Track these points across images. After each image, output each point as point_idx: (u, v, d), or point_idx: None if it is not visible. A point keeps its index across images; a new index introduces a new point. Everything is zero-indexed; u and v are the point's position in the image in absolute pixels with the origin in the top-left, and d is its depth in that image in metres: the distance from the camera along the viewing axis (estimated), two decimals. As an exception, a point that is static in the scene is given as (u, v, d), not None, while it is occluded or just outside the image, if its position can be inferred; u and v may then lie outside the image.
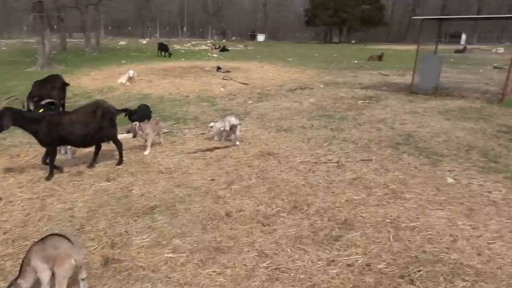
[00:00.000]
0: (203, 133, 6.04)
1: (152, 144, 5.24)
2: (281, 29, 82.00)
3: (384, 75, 14.10)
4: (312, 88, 10.74)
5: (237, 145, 5.46)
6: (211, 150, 5.24)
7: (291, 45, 48.57)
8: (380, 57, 21.58)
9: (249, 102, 8.84)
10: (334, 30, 64.49)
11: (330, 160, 4.79)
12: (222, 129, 5.55)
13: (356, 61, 20.72)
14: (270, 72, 15.00)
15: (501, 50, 25.99)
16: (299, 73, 14.79)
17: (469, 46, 31.27)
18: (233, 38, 71.85)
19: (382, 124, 6.63)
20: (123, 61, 18.96)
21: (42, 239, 2.18)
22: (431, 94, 9.63)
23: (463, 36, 47.28)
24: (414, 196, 3.74)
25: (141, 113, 5.70)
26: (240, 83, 11.79)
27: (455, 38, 43.44)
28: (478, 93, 9.80)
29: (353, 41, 63.09)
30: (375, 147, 5.32)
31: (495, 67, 15.94)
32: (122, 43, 41.78)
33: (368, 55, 23.53)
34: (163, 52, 23.45)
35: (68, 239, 2.17)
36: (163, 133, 5.76)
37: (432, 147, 5.33)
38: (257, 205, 3.54)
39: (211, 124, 5.73)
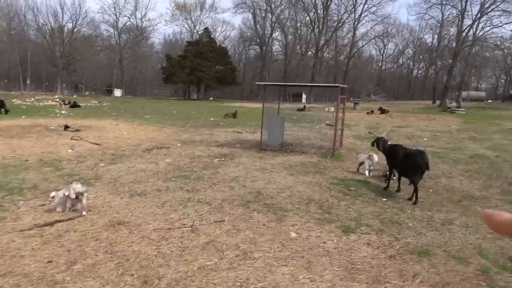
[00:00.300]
0: (43, 204, 5.37)
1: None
2: (139, 85, 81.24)
3: (237, 132, 15.12)
4: (169, 148, 10.76)
5: (84, 215, 5.01)
6: (51, 224, 4.67)
7: (150, 101, 48.34)
8: (234, 115, 23.15)
9: (101, 164, 8.31)
10: (193, 87, 66.99)
11: (185, 224, 4.79)
12: (65, 198, 5.05)
13: (212, 119, 21.75)
14: (126, 130, 14.54)
15: (332, 109, 30.77)
16: (157, 131, 14.72)
17: (308, 105, 36.17)
18: (87, 92, 67.83)
19: (235, 183, 7.00)
20: None
21: None
22: (278, 151, 10.69)
23: (304, 96, 54.62)
24: (262, 254, 3.99)
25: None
26: (92, 143, 11.07)
27: (298, 97, 49.82)
28: (315, 149, 11.30)
29: (211, 98, 66.45)
30: (228, 207, 5.55)
31: (327, 124, 18.72)
32: None
33: (224, 112, 25.02)
34: (-2, 108, 20.50)
35: None
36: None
37: (278, 203, 5.84)
38: (103, 286, 3.25)
39: (52, 193, 5.16)
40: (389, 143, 7.25)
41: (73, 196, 5.02)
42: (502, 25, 48.50)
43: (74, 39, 70.41)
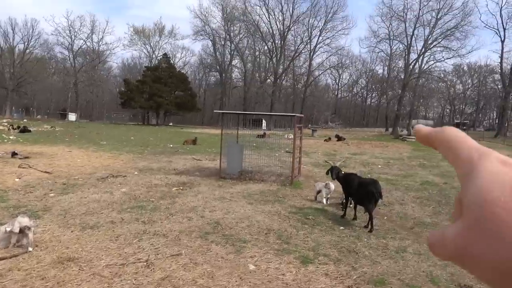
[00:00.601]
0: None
1: None
2: (95, 109, 78.90)
3: (196, 159, 14.97)
4: (125, 176, 10.43)
5: (30, 251, 4.69)
6: (-9, 263, 4.32)
7: (106, 126, 46.94)
8: (194, 141, 22.96)
9: (51, 195, 7.88)
10: (152, 112, 66.04)
11: (139, 259, 4.60)
12: (9, 233, 4.71)
13: (171, 145, 21.43)
14: (80, 157, 13.95)
15: (291, 136, 31.35)
16: (113, 158, 14.24)
17: (267, 132, 36.65)
18: (39, 116, 64.84)
19: (193, 213, 6.86)
20: None
21: None
22: (237, 179, 10.67)
23: (264, 122, 55.40)
24: (220, 289, 3.90)
25: None
26: (41, 171, 10.49)
27: (258, 122, 50.41)
28: (275, 176, 11.40)
29: (171, 124, 65.69)
30: (186, 239, 5.41)
31: (286, 152, 19.02)
32: None
33: (184, 138, 24.76)
34: None
35: None
36: None
37: (237, 234, 5.78)
38: (48, 332, 3.02)
39: None
40: (343, 172, 7.47)
41: (17, 230, 4.69)
42: (444, 59, 52.55)
43: (25, 60, 67.70)
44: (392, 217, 7.30)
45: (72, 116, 64.75)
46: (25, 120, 46.26)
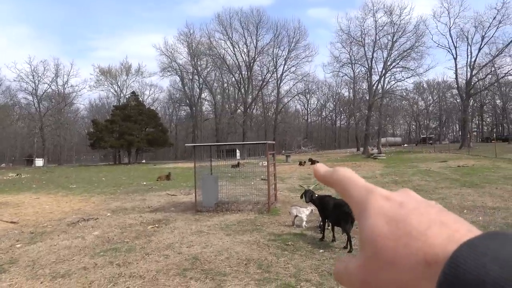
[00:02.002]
0: None
1: None
2: (63, 152, 76.64)
3: (171, 195, 14.69)
4: (97, 218, 10.06)
5: (-5, 309, 4.39)
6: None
7: (76, 169, 45.53)
8: (168, 177, 22.59)
9: (17, 245, 7.47)
10: (123, 151, 64.83)
11: (115, 304, 4.39)
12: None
13: (145, 183, 20.99)
14: (48, 203, 13.39)
15: (265, 163, 31.45)
16: (83, 201, 13.76)
17: (242, 161, 36.61)
18: (3, 164, 62.27)
19: (170, 250, 6.67)
20: None
21: None
22: (214, 211, 10.51)
23: (238, 152, 55.42)
24: (201, 327, 3.75)
25: None
26: (7, 222, 9.98)
27: (232, 152, 50.34)
28: (251, 205, 11.31)
29: (143, 161, 64.57)
30: (163, 278, 5.22)
31: (262, 179, 19.01)
32: None
33: (157, 175, 24.33)
34: None
35: None
36: None
37: (217, 267, 5.64)
38: None
39: None
40: (316, 194, 7.52)
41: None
42: (404, 79, 54.91)
43: (-13, 108, 65.62)
44: (370, 235, 7.34)
45: (39, 162, 62.64)
46: (-12, 169, 44.27)
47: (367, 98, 55.39)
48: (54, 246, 7.32)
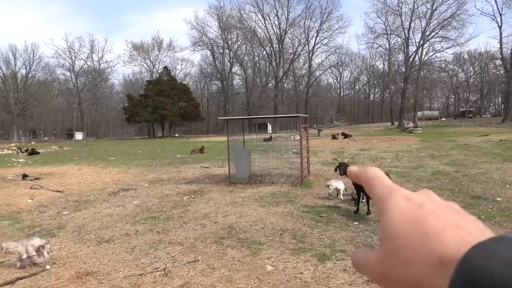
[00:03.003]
0: (2, 262, 5.02)
1: None
2: (101, 126, 79.56)
3: (205, 167, 14.99)
4: (136, 189, 10.48)
5: (48, 269, 4.72)
6: (11, 283, 4.36)
7: (113, 142, 47.26)
8: (201, 150, 23.01)
9: (64, 213, 7.94)
10: (157, 125, 66.45)
11: (157, 268, 4.61)
12: (24, 257, 4.74)
13: (179, 156, 21.50)
14: (89, 174, 14.05)
15: (298, 137, 31.31)
16: (122, 173, 14.33)
17: (274, 135, 36.63)
18: (46, 138, 65.55)
19: (207, 219, 6.87)
20: None
21: None
22: (247, 183, 10.66)
23: (269, 126, 55.41)
24: (239, 292, 3.89)
25: None
26: (53, 191, 10.59)
27: (264, 126, 50.42)
28: (284, 178, 11.37)
29: (177, 135, 65.96)
30: (201, 246, 5.42)
31: (294, 153, 19.00)
32: None
33: (191, 148, 24.83)
34: None
35: None
36: None
37: (252, 236, 5.77)
38: None
39: (3, 244, 4.80)
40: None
41: (33, 253, 4.73)
42: (443, 49, 52.26)
43: (29, 84, 68.61)
44: (406, 209, 7.23)
45: (79, 135, 65.42)
46: (32, 142, 46.77)
47: (403, 70, 53.36)
48: (97, 213, 7.72)
